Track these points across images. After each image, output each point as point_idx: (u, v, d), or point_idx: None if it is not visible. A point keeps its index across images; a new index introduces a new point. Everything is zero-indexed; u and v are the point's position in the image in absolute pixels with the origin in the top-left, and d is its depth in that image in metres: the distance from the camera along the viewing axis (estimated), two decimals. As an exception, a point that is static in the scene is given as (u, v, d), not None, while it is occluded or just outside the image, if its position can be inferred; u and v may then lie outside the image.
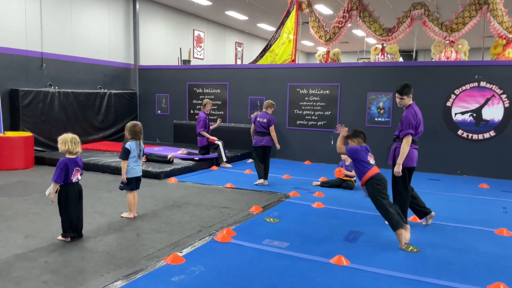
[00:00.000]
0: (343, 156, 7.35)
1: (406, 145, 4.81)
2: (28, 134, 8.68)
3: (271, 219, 5.26)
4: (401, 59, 11.61)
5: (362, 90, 9.65)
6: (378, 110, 9.50)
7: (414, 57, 12.58)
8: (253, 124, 7.55)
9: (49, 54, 9.95)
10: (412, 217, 5.42)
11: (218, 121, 9.66)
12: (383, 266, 3.85)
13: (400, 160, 4.82)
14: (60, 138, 4.31)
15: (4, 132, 8.54)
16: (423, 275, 3.67)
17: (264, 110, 7.53)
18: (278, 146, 7.56)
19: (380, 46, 10.87)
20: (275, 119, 7.61)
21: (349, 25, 10.99)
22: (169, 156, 8.42)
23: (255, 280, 3.50)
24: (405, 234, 4.36)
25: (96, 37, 11.31)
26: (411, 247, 4.36)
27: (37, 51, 9.67)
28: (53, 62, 10.06)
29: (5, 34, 9.00)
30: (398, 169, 4.82)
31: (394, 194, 5.03)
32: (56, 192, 4.25)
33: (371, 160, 4.57)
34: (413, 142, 4.89)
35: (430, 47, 10.40)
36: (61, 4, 10.23)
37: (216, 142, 9.09)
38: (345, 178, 7.21)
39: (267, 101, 7.67)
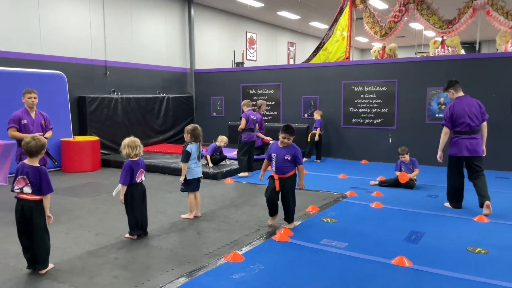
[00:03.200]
0: (403, 158, 7.14)
1: (442, 134, 5.62)
2: (94, 138, 9.24)
3: (328, 219, 5.23)
4: (463, 52, 11.05)
5: (421, 85, 9.30)
6: (439, 105, 9.11)
7: (477, 49, 11.89)
8: (245, 121, 7.96)
9: (112, 62, 10.54)
10: (478, 217, 5.17)
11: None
12: (448, 268, 3.70)
13: (439, 148, 5.68)
14: (122, 144, 4.57)
15: (73, 137, 9.15)
16: (492, 278, 3.49)
17: (250, 108, 8.28)
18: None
19: (440, 39, 10.41)
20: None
21: (406, 18, 10.63)
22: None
23: (314, 280, 3.50)
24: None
25: (154, 44, 11.81)
26: (478, 249, 4.15)
27: (101, 59, 10.28)
28: (115, 69, 10.64)
29: (73, 45, 9.66)
30: (437, 155, 5.70)
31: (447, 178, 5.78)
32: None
33: None
34: (459, 133, 5.46)
35: (495, 37, 9.81)
36: (122, 15, 10.80)
37: (271, 142, 9.13)
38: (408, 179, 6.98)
39: (247, 100, 8.48)
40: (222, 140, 8.60)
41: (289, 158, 4.79)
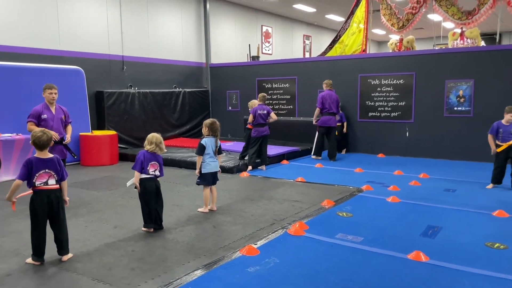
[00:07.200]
0: None
1: None
2: (112, 132, 9.36)
3: (344, 213, 5.21)
4: (483, 43, 10.81)
5: (439, 78, 9.14)
6: (458, 98, 8.94)
7: (498, 40, 11.61)
8: (252, 116, 8.08)
9: (129, 57, 10.64)
10: (497, 212, 5.08)
11: None
12: (466, 263, 3.66)
13: None
14: (146, 139, 4.68)
15: (92, 131, 9.30)
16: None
17: (261, 103, 8.26)
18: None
19: (459, 31, 10.20)
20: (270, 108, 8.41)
21: (424, 10, 10.44)
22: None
23: (329, 274, 3.51)
24: None
25: (170, 39, 11.87)
26: (497, 244, 4.09)
27: (119, 54, 10.39)
28: (132, 64, 10.74)
29: (91, 41, 9.78)
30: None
31: None
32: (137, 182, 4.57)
33: None
34: None
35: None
36: (138, 10, 10.88)
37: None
38: None
39: (263, 94, 8.44)
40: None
41: None
